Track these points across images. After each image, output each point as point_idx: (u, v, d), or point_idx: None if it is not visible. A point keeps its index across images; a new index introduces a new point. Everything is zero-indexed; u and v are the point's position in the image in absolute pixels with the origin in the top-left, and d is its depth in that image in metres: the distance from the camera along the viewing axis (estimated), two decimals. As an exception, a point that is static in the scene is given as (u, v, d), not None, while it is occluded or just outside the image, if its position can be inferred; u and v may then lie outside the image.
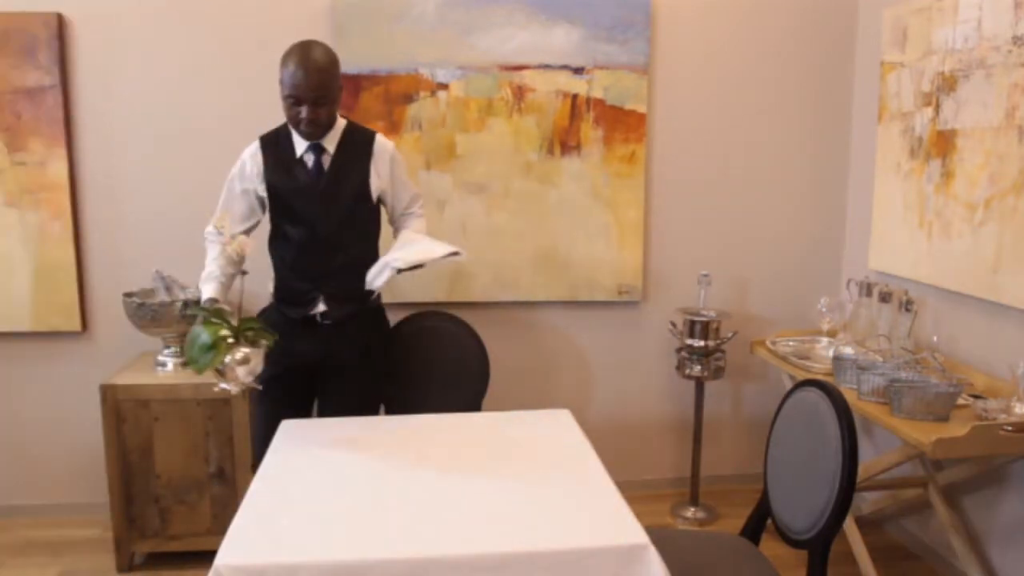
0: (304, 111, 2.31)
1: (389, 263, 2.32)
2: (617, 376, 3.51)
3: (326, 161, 2.44)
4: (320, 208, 2.45)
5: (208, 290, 2.40)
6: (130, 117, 3.13)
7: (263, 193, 2.49)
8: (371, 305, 2.58)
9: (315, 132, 2.39)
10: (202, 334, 2.06)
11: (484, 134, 3.24)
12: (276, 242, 2.55)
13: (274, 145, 2.47)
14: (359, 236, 2.54)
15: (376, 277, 2.35)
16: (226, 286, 2.44)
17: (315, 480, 1.91)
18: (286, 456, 2.07)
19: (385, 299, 3.14)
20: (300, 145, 2.44)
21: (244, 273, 2.36)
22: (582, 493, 1.88)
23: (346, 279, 2.47)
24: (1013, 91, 2.46)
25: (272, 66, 3.11)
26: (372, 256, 2.51)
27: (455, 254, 2.33)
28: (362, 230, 2.55)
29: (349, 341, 2.53)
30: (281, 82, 2.34)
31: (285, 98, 2.33)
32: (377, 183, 2.52)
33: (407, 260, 2.31)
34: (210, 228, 2.51)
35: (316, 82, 2.29)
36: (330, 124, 2.41)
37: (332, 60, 2.35)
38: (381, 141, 2.54)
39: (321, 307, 2.48)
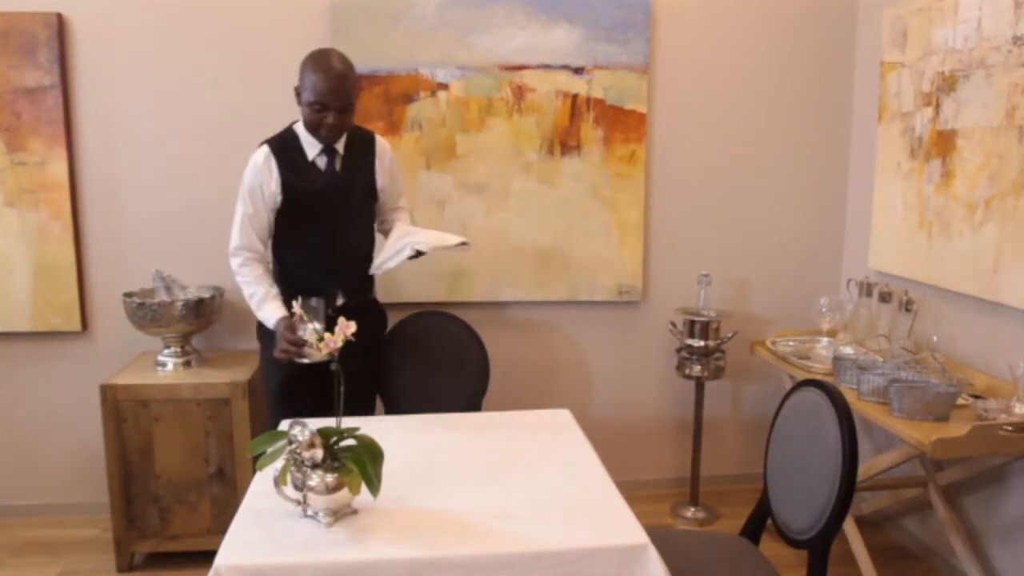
0: (330, 117, 2.40)
1: (408, 244, 2.45)
2: (617, 376, 3.51)
3: (338, 162, 2.54)
4: (336, 207, 2.54)
5: (274, 310, 2.44)
6: (130, 117, 3.13)
7: (279, 199, 2.50)
8: (373, 297, 2.77)
9: (336, 137, 2.49)
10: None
11: (484, 134, 3.23)
12: (287, 245, 2.59)
13: (282, 150, 2.50)
14: (367, 230, 2.70)
15: (390, 259, 2.49)
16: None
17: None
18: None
19: (385, 299, 3.15)
20: (311, 148, 2.50)
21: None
22: (582, 493, 1.89)
23: (359, 272, 2.63)
24: (1013, 91, 2.46)
25: (272, 65, 3.14)
26: (373, 247, 2.70)
27: (464, 243, 2.52)
28: (368, 225, 2.70)
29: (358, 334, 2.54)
30: (303, 88, 2.40)
31: (310, 104, 2.39)
32: (380, 181, 2.65)
33: (428, 243, 2.45)
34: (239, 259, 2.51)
35: (343, 89, 2.39)
36: (348, 128, 2.51)
37: (352, 67, 2.44)
38: (381, 141, 2.68)
39: (341, 300, 2.58)
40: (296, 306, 2.01)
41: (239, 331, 3.24)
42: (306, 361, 2.28)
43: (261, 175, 2.47)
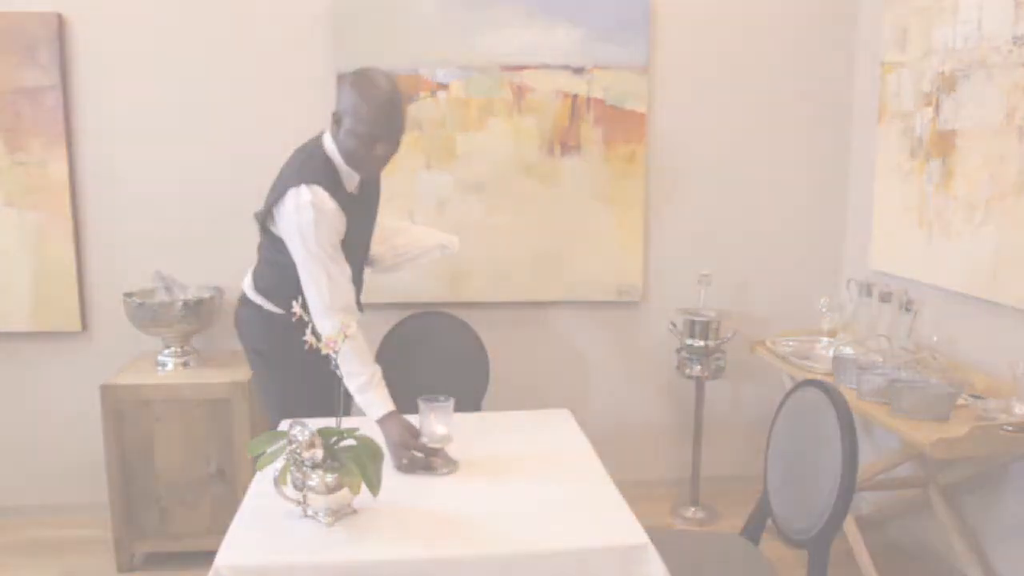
0: (379, 148, 2.14)
1: (438, 247, 2.59)
2: (617, 376, 3.51)
3: (365, 187, 2.37)
4: (368, 230, 2.49)
5: (384, 400, 2.13)
6: (130, 117, 3.12)
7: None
8: None
9: (381, 170, 2.28)
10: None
11: (484, 134, 3.23)
12: None
13: (332, 190, 2.20)
14: None
15: (410, 260, 2.55)
16: None
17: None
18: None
19: (385, 299, 3.15)
20: (349, 181, 2.27)
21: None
22: (582, 493, 1.89)
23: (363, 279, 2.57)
24: (1013, 91, 2.46)
25: (272, 65, 3.14)
26: None
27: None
28: None
29: None
30: (345, 114, 2.13)
31: (358, 135, 2.12)
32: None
33: (455, 244, 2.60)
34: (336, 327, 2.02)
35: (395, 115, 2.13)
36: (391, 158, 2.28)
37: (399, 88, 2.18)
38: None
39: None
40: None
41: (239, 331, 3.24)
42: (435, 474, 1.98)
43: (333, 221, 2.18)
